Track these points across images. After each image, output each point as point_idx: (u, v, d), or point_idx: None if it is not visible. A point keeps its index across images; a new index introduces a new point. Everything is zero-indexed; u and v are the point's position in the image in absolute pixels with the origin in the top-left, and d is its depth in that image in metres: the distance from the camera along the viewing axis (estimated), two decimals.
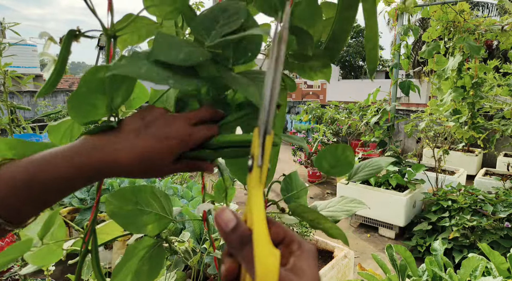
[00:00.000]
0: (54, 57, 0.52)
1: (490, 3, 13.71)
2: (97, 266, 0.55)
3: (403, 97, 12.37)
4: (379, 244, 3.47)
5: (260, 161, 0.28)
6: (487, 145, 4.30)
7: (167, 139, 0.41)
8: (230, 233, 0.27)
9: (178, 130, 0.42)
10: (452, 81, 3.62)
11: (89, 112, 0.44)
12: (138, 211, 0.57)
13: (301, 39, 0.53)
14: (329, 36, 0.57)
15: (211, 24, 0.45)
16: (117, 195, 0.55)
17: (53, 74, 0.48)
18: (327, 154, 0.61)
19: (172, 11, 0.49)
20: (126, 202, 0.56)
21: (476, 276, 1.48)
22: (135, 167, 0.40)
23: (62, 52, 0.47)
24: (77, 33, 0.47)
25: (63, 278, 2.61)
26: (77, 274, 0.56)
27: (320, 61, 0.57)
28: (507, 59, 10.26)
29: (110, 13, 0.48)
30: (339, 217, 0.66)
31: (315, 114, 6.55)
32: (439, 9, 3.46)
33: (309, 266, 0.28)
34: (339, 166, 0.62)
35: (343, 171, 0.62)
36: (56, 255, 0.64)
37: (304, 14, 0.53)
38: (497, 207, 3.00)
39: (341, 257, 2.29)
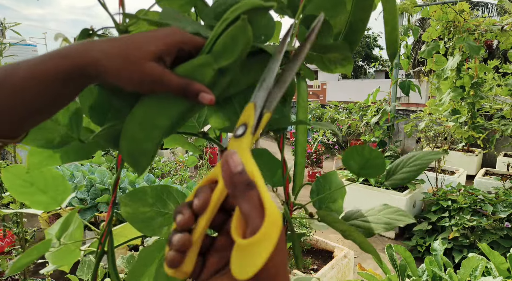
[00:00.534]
0: None
1: (490, 3, 13.72)
2: (113, 267, 0.54)
3: (403, 97, 12.37)
4: (379, 244, 3.47)
5: (254, 130, 0.31)
6: (487, 144, 4.30)
7: (154, 32, 0.38)
8: (238, 175, 0.27)
9: (170, 30, 0.39)
10: (451, 81, 3.62)
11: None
12: (154, 213, 0.54)
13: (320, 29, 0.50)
14: (346, 27, 0.54)
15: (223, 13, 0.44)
16: (133, 196, 0.53)
17: None
18: (354, 153, 0.55)
19: (184, 4, 0.48)
20: (142, 204, 0.53)
21: (476, 276, 1.49)
22: (117, 53, 0.36)
23: None
24: (90, 32, 0.47)
25: (63, 278, 2.61)
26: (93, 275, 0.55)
27: (341, 53, 0.53)
28: (507, 59, 10.26)
29: (122, 9, 0.48)
30: (376, 230, 0.58)
31: (315, 114, 6.55)
32: (439, 9, 3.46)
33: None
34: (369, 168, 0.56)
35: (374, 172, 0.56)
36: (74, 256, 0.63)
37: (326, 3, 0.50)
38: (497, 207, 3.00)
39: (341, 257, 2.29)
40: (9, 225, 1.88)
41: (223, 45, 0.36)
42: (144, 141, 0.40)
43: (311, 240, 2.51)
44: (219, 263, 0.30)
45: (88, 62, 0.35)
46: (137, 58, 0.36)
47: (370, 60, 26.20)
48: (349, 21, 0.54)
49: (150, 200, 0.54)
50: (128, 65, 0.36)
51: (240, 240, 0.25)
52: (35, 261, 2.11)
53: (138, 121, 0.39)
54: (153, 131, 0.39)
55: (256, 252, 0.24)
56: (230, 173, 0.28)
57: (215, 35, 0.37)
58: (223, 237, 0.31)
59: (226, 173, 0.28)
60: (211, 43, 0.37)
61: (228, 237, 0.30)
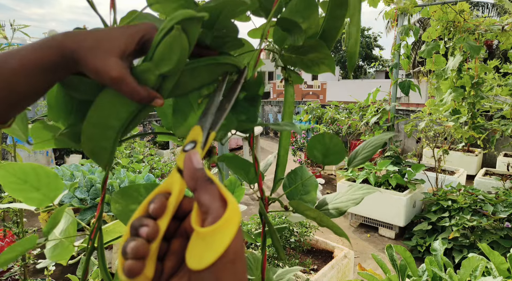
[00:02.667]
0: None
1: (490, 3, 13.72)
2: (103, 263, 0.55)
3: (403, 97, 12.38)
4: (379, 244, 3.47)
5: (203, 146, 0.36)
6: (487, 145, 4.30)
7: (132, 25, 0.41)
8: (200, 170, 0.30)
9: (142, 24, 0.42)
10: (452, 81, 3.62)
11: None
12: None
13: (291, 31, 0.52)
14: (320, 33, 0.56)
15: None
16: (123, 193, 0.54)
17: None
18: (315, 142, 0.59)
19: (176, 8, 0.49)
20: (131, 201, 0.54)
21: (476, 276, 1.49)
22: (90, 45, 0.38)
23: None
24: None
25: (63, 278, 2.61)
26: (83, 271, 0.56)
27: (321, 52, 0.55)
28: (507, 59, 10.26)
29: (113, 11, 0.48)
30: (346, 207, 0.62)
31: (315, 114, 6.55)
32: (439, 9, 3.46)
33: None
34: (331, 155, 0.60)
35: (337, 159, 0.60)
36: (69, 251, 0.65)
37: (299, 5, 0.53)
38: (497, 207, 3.00)
39: (341, 257, 2.29)
40: (9, 225, 1.88)
41: (161, 53, 0.39)
42: (101, 140, 0.43)
43: (311, 240, 2.51)
44: (175, 266, 0.31)
45: (67, 53, 0.38)
46: (104, 52, 0.38)
47: (370, 60, 26.19)
48: (323, 28, 0.56)
49: (141, 197, 0.55)
50: (95, 58, 0.38)
51: (202, 229, 0.26)
52: (35, 261, 2.10)
53: (93, 122, 0.42)
54: (107, 131, 0.43)
55: (218, 238, 0.25)
56: (193, 168, 0.30)
57: (155, 43, 0.39)
58: (178, 240, 0.32)
59: (189, 168, 0.31)
60: (152, 50, 0.40)
61: (183, 240, 0.31)
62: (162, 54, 0.39)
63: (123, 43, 0.39)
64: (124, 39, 0.39)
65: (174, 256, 0.31)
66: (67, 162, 5.83)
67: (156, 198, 0.31)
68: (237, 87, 0.45)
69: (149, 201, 0.32)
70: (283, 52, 0.57)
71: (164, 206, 0.31)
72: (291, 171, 0.70)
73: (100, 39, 0.38)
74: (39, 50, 0.37)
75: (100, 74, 0.38)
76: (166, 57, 0.39)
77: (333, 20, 0.55)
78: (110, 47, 0.38)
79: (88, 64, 0.38)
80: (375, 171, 3.69)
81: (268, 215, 0.59)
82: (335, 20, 0.55)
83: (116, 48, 0.38)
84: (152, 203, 0.31)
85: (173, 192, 0.32)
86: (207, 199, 0.28)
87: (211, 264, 0.25)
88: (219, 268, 0.25)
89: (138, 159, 4.58)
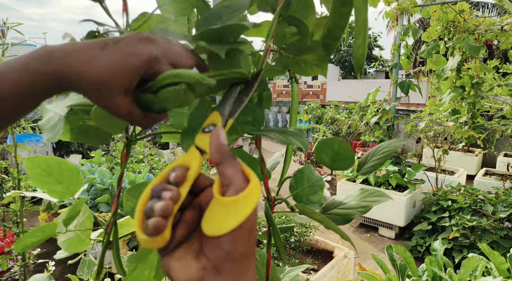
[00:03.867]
0: None
1: (490, 3, 13.72)
2: (117, 257, 0.57)
3: (403, 97, 12.37)
4: (379, 244, 3.47)
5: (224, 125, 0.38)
6: (487, 145, 4.30)
7: (132, 55, 0.38)
8: (225, 146, 0.32)
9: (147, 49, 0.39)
10: (452, 81, 3.63)
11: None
12: None
13: (299, 29, 0.52)
14: (324, 32, 0.56)
15: (215, 21, 0.47)
16: (134, 192, 0.56)
17: None
18: (324, 146, 0.57)
19: (186, 8, 0.51)
20: None
21: (476, 276, 1.49)
22: (92, 83, 0.37)
23: None
24: (96, 34, 0.47)
25: (63, 278, 2.61)
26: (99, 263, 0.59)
27: (315, 54, 0.55)
28: (507, 59, 10.26)
29: (125, 13, 0.49)
30: (353, 215, 0.60)
31: (315, 114, 6.55)
32: (439, 9, 3.46)
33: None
34: (340, 160, 0.58)
35: (345, 164, 0.58)
36: (85, 244, 0.67)
37: (297, 5, 0.54)
38: (497, 207, 3.00)
39: (341, 257, 2.29)
40: (9, 225, 1.88)
41: (165, 96, 0.40)
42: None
43: (311, 240, 2.51)
44: (185, 235, 0.33)
45: (65, 84, 0.36)
46: (109, 92, 0.38)
47: (370, 60, 26.21)
48: (327, 27, 0.55)
49: None
50: (101, 98, 0.38)
51: (226, 198, 0.28)
52: (35, 261, 2.10)
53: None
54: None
55: (240, 208, 0.28)
56: (219, 143, 0.32)
57: (159, 84, 0.39)
58: (191, 212, 0.34)
59: (216, 143, 0.33)
60: (157, 86, 0.39)
61: (196, 212, 0.33)
62: (166, 97, 0.40)
63: (126, 81, 0.38)
64: (127, 76, 0.38)
65: (185, 225, 0.33)
66: None
67: (177, 168, 0.33)
68: (254, 84, 0.46)
69: (169, 170, 0.33)
70: (282, 51, 0.57)
71: (184, 176, 0.33)
72: (298, 170, 0.68)
73: (103, 79, 0.37)
74: (34, 76, 0.35)
75: (107, 109, 0.39)
76: (170, 100, 0.40)
77: (338, 18, 0.55)
78: (114, 87, 0.37)
79: (93, 100, 0.39)
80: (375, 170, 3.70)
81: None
82: (339, 19, 0.55)
83: (120, 87, 0.38)
84: (173, 172, 0.33)
85: (191, 166, 0.34)
86: (231, 172, 0.30)
87: (230, 231, 0.28)
88: (236, 235, 0.28)
89: (138, 159, 4.58)
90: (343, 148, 0.57)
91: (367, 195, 0.64)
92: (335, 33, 0.56)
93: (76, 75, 0.36)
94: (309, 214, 0.56)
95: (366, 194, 0.64)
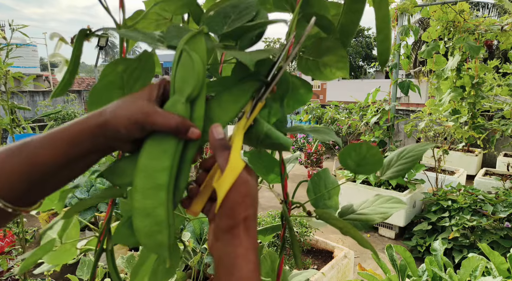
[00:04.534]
0: (65, 58, 0.52)
1: (490, 3, 13.72)
2: (113, 266, 0.55)
3: (403, 97, 12.37)
4: (379, 244, 3.47)
5: (249, 115, 0.44)
6: (487, 145, 4.30)
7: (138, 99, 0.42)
8: (219, 140, 0.41)
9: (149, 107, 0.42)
10: (452, 81, 3.62)
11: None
12: None
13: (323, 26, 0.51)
14: (338, 28, 0.54)
15: (224, 20, 0.49)
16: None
17: (66, 74, 0.49)
18: (351, 151, 0.56)
19: (180, 7, 0.52)
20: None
21: (476, 276, 1.49)
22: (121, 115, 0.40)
23: (75, 52, 0.48)
24: (88, 32, 0.47)
25: (63, 278, 2.61)
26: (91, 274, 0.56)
27: (336, 54, 0.52)
28: (507, 59, 10.26)
29: (122, 10, 0.49)
30: (373, 221, 0.60)
31: (315, 114, 6.55)
32: (439, 9, 3.46)
33: (254, 180, 0.43)
34: (365, 165, 0.56)
35: (371, 169, 0.56)
36: (71, 254, 0.64)
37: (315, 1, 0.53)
38: (497, 207, 3.00)
39: (341, 257, 2.29)
40: (9, 225, 1.88)
41: (180, 80, 0.42)
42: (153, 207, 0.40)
43: (311, 240, 2.51)
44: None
45: (99, 123, 0.40)
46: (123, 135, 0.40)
47: (370, 60, 26.20)
48: (340, 23, 0.54)
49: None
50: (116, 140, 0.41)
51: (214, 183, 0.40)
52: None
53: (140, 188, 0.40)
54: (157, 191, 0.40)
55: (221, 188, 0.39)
56: (213, 139, 0.41)
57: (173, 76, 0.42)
58: (203, 173, 0.45)
59: (211, 139, 0.41)
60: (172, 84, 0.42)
61: (205, 173, 0.45)
62: (181, 81, 0.41)
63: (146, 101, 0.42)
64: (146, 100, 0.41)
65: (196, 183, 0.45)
66: None
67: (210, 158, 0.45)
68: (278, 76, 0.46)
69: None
70: (301, 53, 0.54)
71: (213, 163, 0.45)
72: (315, 174, 0.67)
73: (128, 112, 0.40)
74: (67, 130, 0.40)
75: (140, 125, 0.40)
76: (185, 80, 0.41)
77: (351, 14, 0.53)
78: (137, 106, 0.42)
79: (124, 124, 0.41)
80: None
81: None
82: (352, 15, 0.53)
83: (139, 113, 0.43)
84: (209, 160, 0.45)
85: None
86: (221, 161, 0.40)
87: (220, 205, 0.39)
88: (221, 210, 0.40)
89: None
90: (371, 152, 0.55)
91: (383, 201, 0.64)
92: (349, 28, 0.54)
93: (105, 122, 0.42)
94: (329, 220, 0.56)
95: (382, 200, 0.64)
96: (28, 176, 0.38)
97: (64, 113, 6.14)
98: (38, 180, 0.38)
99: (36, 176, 0.38)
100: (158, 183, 0.39)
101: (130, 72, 0.46)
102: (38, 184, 0.39)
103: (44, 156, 0.38)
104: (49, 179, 0.39)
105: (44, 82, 12.54)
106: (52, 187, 0.41)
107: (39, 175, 0.38)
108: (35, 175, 0.38)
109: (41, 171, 0.38)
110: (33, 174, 0.38)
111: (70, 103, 7.56)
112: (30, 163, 0.38)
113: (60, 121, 6.08)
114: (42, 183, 0.39)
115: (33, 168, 0.38)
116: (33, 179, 0.38)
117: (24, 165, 0.37)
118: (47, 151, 0.38)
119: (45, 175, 0.39)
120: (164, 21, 0.57)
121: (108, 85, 0.45)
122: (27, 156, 0.38)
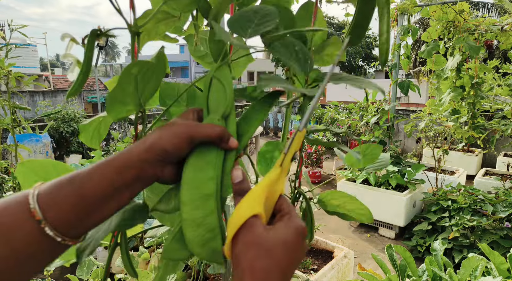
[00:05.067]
0: (77, 58, 0.53)
1: (490, 3, 13.71)
2: (127, 259, 0.55)
3: (403, 97, 12.36)
4: (379, 244, 3.47)
5: (286, 149, 0.41)
6: (487, 145, 4.30)
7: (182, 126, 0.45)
8: (236, 184, 0.43)
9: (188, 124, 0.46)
10: (451, 81, 3.62)
11: (120, 109, 0.49)
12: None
13: (357, 33, 0.59)
14: (353, 23, 0.62)
15: (247, 23, 0.51)
16: (156, 190, 0.56)
17: (80, 75, 0.50)
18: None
19: (189, 4, 0.53)
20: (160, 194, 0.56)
21: (476, 276, 1.49)
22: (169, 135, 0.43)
23: (87, 53, 0.48)
24: (99, 32, 0.47)
25: (63, 278, 2.61)
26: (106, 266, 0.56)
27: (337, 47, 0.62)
28: (507, 59, 10.26)
29: (132, 11, 0.49)
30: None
31: (315, 114, 6.55)
32: (439, 9, 3.46)
33: (286, 232, 0.38)
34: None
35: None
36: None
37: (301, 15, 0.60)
38: (497, 207, 3.00)
39: (341, 257, 2.29)
40: None
41: (214, 103, 0.48)
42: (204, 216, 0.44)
43: (311, 240, 2.51)
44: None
45: (146, 148, 0.42)
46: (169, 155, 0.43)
47: (370, 60, 26.20)
48: (355, 18, 0.60)
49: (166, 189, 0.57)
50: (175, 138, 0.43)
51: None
52: None
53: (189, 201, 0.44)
54: (206, 201, 0.44)
55: (228, 232, 0.39)
56: (232, 181, 0.43)
57: (204, 99, 0.49)
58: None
59: (231, 180, 0.43)
60: (205, 107, 0.48)
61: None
62: (215, 102, 0.48)
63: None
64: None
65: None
66: (67, 162, 5.83)
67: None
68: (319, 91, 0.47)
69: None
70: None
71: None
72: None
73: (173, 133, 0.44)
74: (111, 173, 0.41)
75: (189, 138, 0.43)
76: (218, 102, 0.47)
77: (363, 12, 0.59)
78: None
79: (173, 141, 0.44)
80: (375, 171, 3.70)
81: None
82: (364, 12, 0.59)
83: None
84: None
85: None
86: (236, 202, 0.41)
87: (229, 242, 0.39)
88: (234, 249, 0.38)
89: None
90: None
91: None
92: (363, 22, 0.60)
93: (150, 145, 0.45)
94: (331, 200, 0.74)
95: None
96: (76, 208, 0.38)
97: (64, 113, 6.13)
98: (86, 212, 0.39)
99: (84, 208, 0.39)
100: (205, 192, 0.43)
101: (143, 74, 0.47)
102: (85, 216, 0.39)
103: (92, 187, 0.39)
104: (96, 211, 0.40)
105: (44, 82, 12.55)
106: (97, 219, 0.41)
107: (87, 207, 0.39)
108: (83, 207, 0.39)
109: (89, 203, 0.39)
110: (81, 206, 0.38)
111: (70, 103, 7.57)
112: (79, 194, 0.38)
113: (60, 122, 6.06)
114: (88, 215, 0.39)
115: (81, 200, 0.38)
116: (81, 211, 0.39)
117: (73, 196, 0.38)
118: (95, 182, 0.39)
119: (93, 206, 0.39)
120: (173, 19, 0.58)
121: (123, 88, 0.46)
122: (77, 188, 0.38)
